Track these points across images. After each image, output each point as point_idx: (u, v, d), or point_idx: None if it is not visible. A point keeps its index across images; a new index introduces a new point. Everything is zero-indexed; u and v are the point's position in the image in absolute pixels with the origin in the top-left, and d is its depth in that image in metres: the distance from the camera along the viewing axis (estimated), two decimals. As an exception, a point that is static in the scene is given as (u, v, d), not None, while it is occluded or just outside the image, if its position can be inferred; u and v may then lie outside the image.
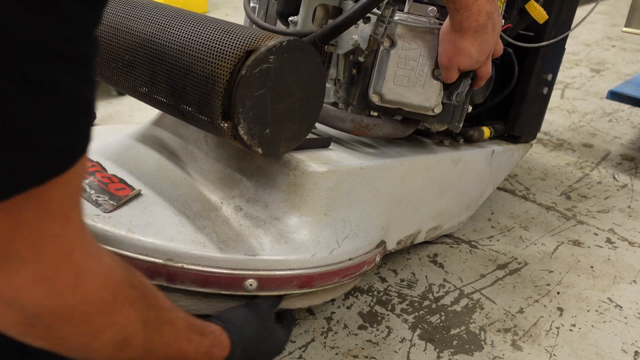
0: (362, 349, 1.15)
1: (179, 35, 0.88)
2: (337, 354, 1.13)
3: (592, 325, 1.26)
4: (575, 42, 3.67)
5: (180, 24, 0.90)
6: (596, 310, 1.31)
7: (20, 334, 0.59)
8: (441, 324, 1.23)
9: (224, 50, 0.83)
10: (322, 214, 1.03)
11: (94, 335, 0.62)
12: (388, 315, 1.24)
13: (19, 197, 0.49)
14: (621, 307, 1.32)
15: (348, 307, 1.26)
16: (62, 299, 0.56)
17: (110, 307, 0.62)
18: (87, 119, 0.53)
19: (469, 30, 1.04)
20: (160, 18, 0.93)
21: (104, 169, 1.06)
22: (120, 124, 1.67)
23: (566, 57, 3.31)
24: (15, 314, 0.55)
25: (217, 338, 0.82)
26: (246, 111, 0.82)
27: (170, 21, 0.92)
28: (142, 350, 0.69)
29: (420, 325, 1.22)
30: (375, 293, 1.31)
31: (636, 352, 1.19)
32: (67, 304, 0.57)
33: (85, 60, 0.50)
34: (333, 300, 1.26)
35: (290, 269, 0.95)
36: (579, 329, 1.24)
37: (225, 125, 0.83)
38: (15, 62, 0.44)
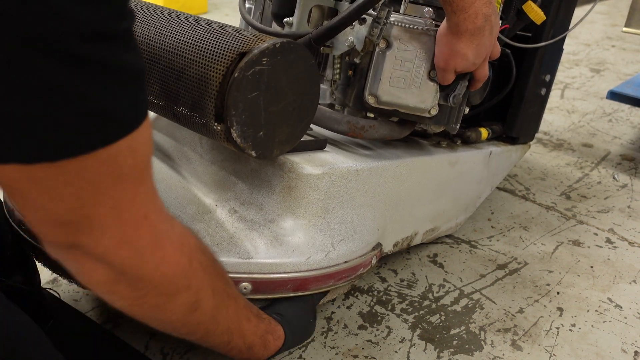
0: (362, 349, 1.14)
1: (172, 37, 0.88)
2: (337, 354, 1.13)
3: (592, 325, 1.25)
4: (575, 42, 3.66)
5: (173, 26, 0.90)
6: (596, 310, 1.30)
7: (107, 291, 0.64)
8: (441, 324, 1.23)
9: (216, 52, 0.82)
10: (317, 217, 1.02)
11: (171, 296, 0.67)
12: (388, 315, 1.24)
13: (96, 164, 0.54)
14: (621, 307, 1.31)
15: (348, 307, 1.25)
16: (143, 259, 0.62)
17: (187, 270, 0.67)
18: (139, 83, 0.57)
19: (466, 33, 1.03)
20: (153, 20, 0.93)
21: None
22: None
23: (566, 57, 3.31)
24: (105, 271, 0.61)
25: (273, 327, 0.87)
26: (239, 114, 0.82)
27: (163, 23, 0.91)
28: (210, 317, 0.73)
29: (420, 325, 1.22)
30: (375, 293, 1.31)
31: (636, 352, 1.18)
32: (148, 264, 0.62)
33: (126, 32, 0.54)
34: (333, 300, 1.25)
35: (285, 272, 0.94)
36: (579, 329, 1.24)
37: (219, 127, 0.83)
38: (65, 45, 0.48)
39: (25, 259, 1.03)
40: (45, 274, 1.19)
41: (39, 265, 1.05)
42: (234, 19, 1.16)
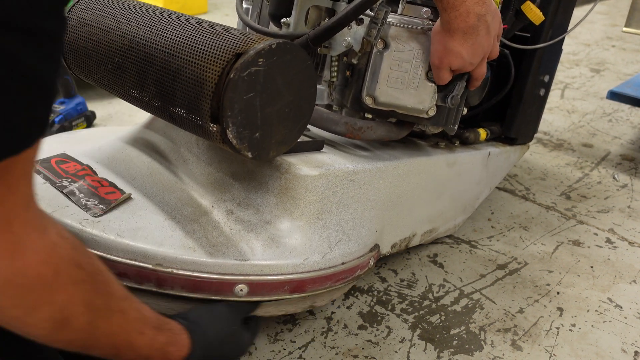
0: (362, 349, 1.14)
1: (169, 37, 0.88)
2: (337, 354, 1.13)
3: (592, 325, 1.25)
4: (575, 42, 3.66)
5: (169, 26, 0.90)
6: (596, 310, 1.30)
7: None
8: (441, 324, 1.22)
9: (212, 53, 0.82)
10: (314, 218, 1.02)
11: (30, 310, 0.60)
12: (388, 315, 1.24)
13: None
14: (621, 307, 1.31)
15: (348, 307, 1.25)
16: None
17: (50, 284, 0.61)
18: (45, 98, 0.52)
19: (458, 31, 1.03)
20: (149, 20, 0.93)
21: (94, 173, 1.05)
22: (113, 127, 1.67)
23: (566, 57, 3.31)
24: None
25: (176, 336, 0.80)
26: (235, 115, 0.82)
27: (159, 23, 0.91)
28: (85, 334, 0.67)
29: (420, 325, 1.21)
30: (375, 293, 1.30)
31: (636, 352, 1.18)
32: (1, 274, 0.56)
33: (49, 36, 0.49)
34: (333, 300, 1.25)
35: (281, 274, 0.94)
36: (579, 328, 1.24)
37: (214, 128, 0.83)
38: None
39: None
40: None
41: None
42: (233, 19, 1.17)
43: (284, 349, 1.13)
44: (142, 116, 1.17)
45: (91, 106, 2.11)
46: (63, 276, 0.62)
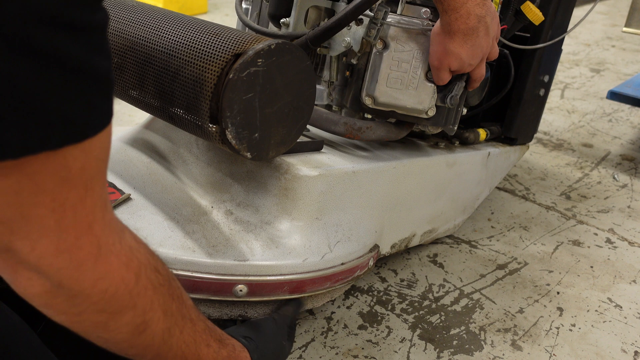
0: (362, 348, 1.14)
1: (168, 37, 0.88)
2: (337, 353, 1.13)
3: (592, 325, 1.25)
4: (575, 42, 3.66)
5: (169, 27, 0.89)
6: (596, 310, 1.30)
7: (44, 304, 0.58)
8: (441, 324, 1.22)
9: (211, 53, 0.82)
10: (313, 219, 1.02)
11: (114, 314, 0.61)
12: (388, 315, 1.24)
13: (38, 161, 0.49)
14: (621, 307, 1.31)
15: (348, 307, 1.25)
16: (82, 271, 0.56)
17: (133, 288, 0.61)
18: (102, 89, 0.52)
19: (458, 33, 1.03)
20: (148, 20, 0.93)
21: None
22: (112, 127, 1.66)
23: (566, 57, 3.30)
24: (40, 281, 0.55)
25: (237, 353, 0.80)
26: (234, 115, 0.82)
27: (158, 23, 0.91)
28: (160, 340, 0.67)
29: (420, 325, 1.22)
30: (375, 293, 1.30)
31: (636, 352, 1.18)
32: (87, 278, 0.56)
33: (95, 28, 0.50)
34: (333, 300, 1.25)
35: (281, 274, 0.94)
36: (579, 328, 1.24)
37: (214, 129, 0.82)
38: (17, 30, 0.43)
39: None
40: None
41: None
42: (233, 19, 1.17)
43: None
44: (142, 116, 1.17)
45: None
46: (143, 280, 0.62)
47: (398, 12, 1.12)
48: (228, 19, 3.78)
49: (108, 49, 0.53)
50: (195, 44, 0.84)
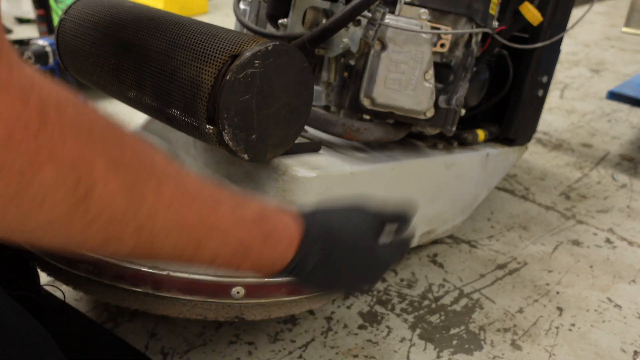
0: (362, 348, 1.14)
1: (165, 39, 0.88)
2: (337, 353, 1.13)
3: (592, 325, 1.25)
4: (575, 43, 3.66)
5: (166, 28, 0.90)
6: (595, 310, 1.30)
7: None
8: (441, 324, 1.22)
9: (208, 54, 0.82)
10: (312, 219, 1.02)
11: (23, 173, 0.43)
12: (388, 315, 1.24)
13: None
14: (620, 307, 1.31)
15: (348, 307, 1.25)
16: None
17: (39, 129, 0.44)
18: None
19: None
20: (146, 22, 0.93)
21: None
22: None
23: (565, 58, 3.30)
24: None
25: (277, 217, 0.61)
26: (231, 117, 0.82)
27: (155, 24, 0.91)
28: (125, 207, 0.49)
29: (420, 325, 1.22)
30: (375, 293, 1.31)
31: (635, 352, 1.18)
32: None
33: None
34: (333, 300, 1.25)
35: (278, 276, 0.94)
36: (579, 328, 1.24)
37: (211, 130, 0.83)
38: None
39: (25, 260, 1.03)
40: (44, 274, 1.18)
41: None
42: (234, 20, 1.18)
43: (284, 349, 1.13)
44: (142, 116, 1.17)
45: (91, 108, 2.11)
46: (53, 119, 0.45)
47: (396, 13, 1.12)
48: (228, 19, 3.78)
49: None
50: (192, 45, 0.84)
